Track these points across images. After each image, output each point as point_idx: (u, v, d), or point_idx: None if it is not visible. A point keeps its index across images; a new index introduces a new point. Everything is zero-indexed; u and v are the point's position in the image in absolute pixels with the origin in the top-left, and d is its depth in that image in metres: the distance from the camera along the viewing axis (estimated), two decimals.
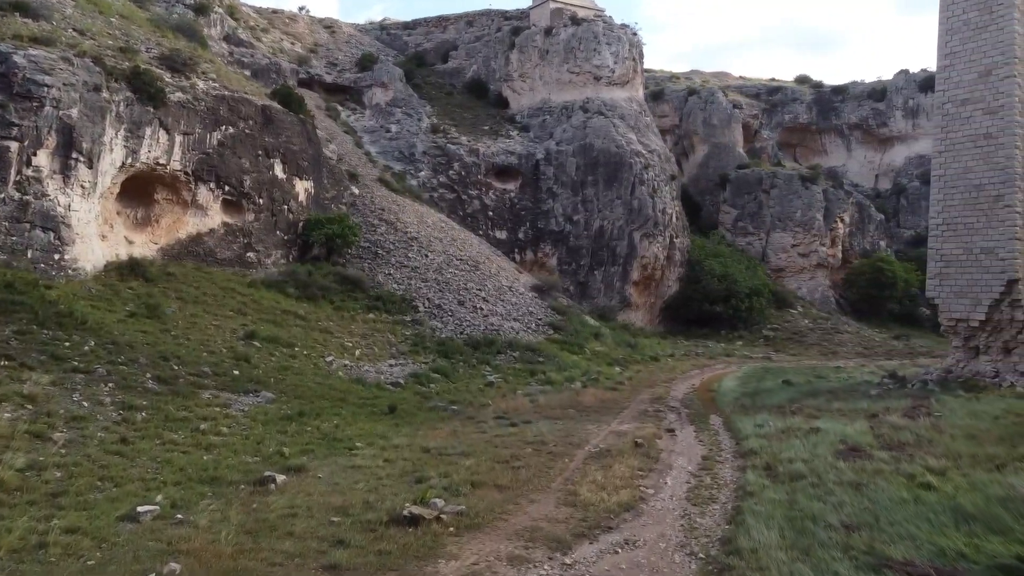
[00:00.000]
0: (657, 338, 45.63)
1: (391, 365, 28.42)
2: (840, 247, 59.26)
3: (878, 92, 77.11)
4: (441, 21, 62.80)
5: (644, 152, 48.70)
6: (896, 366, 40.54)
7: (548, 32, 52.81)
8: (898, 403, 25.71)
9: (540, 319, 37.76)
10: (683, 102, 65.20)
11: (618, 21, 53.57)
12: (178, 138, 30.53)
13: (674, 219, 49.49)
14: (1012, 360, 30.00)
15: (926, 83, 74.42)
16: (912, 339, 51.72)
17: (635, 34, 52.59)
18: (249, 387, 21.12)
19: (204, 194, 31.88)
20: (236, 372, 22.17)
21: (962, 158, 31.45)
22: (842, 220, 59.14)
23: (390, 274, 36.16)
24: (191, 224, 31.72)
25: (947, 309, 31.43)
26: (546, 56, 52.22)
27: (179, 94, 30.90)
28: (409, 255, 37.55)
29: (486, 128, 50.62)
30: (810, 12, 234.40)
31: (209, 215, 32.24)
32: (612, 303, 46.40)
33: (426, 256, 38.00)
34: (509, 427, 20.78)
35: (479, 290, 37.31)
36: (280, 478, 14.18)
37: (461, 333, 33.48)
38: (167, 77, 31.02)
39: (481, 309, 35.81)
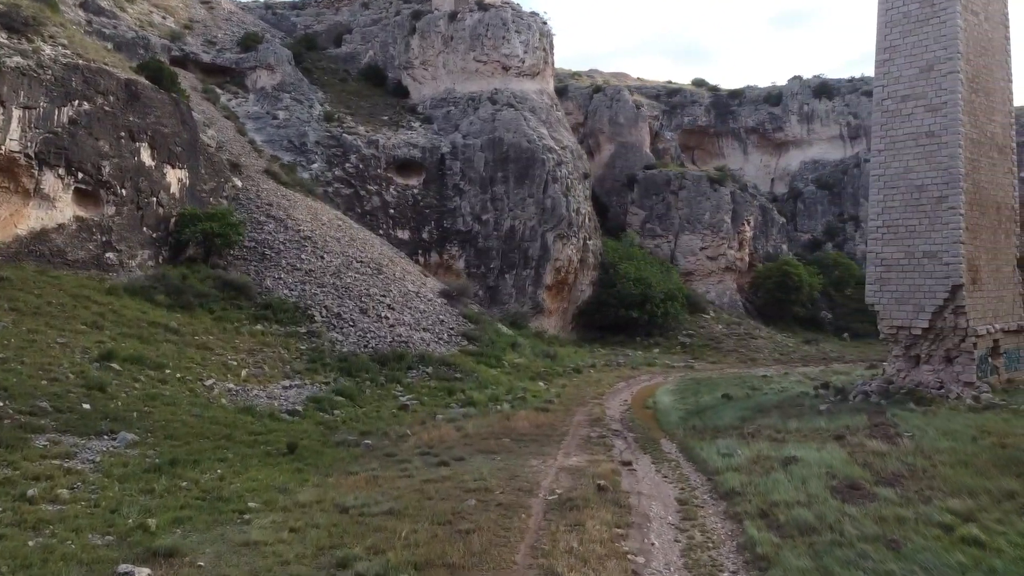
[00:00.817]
0: (572, 346, 42.72)
1: (286, 388, 23.95)
2: (747, 250, 58.42)
3: (774, 97, 77.71)
4: (334, 2, 57.83)
5: (557, 148, 45.75)
6: (818, 373, 39.24)
7: (452, 17, 49.02)
8: (855, 420, 23.67)
9: (452, 328, 33.97)
10: (588, 100, 62.93)
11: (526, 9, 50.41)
12: (16, 112, 24.96)
13: (587, 220, 46.81)
14: (954, 370, 28.64)
15: (820, 89, 75.56)
16: (821, 343, 51.16)
17: (545, 23, 49.66)
18: (103, 427, 16.37)
19: (51, 182, 26.33)
20: (86, 406, 17.29)
21: (903, 157, 29.96)
22: (749, 223, 58.32)
23: (280, 278, 31.45)
24: (33, 218, 26.11)
25: (888, 316, 29.85)
26: (450, 43, 48.44)
27: (18, 59, 25.30)
28: (302, 256, 32.92)
29: (385, 118, 46.33)
30: (685, 26, 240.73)
31: (57, 207, 26.68)
32: (524, 309, 43.16)
33: (322, 258, 33.47)
34: (439, 467, 17.04)
35: (383, 296, 33.15)
36: (142, 574, 9.98)
37: (366, 346, 29.27)
38: (2, 37, 25.33)
39: (387, 318, 31.68)
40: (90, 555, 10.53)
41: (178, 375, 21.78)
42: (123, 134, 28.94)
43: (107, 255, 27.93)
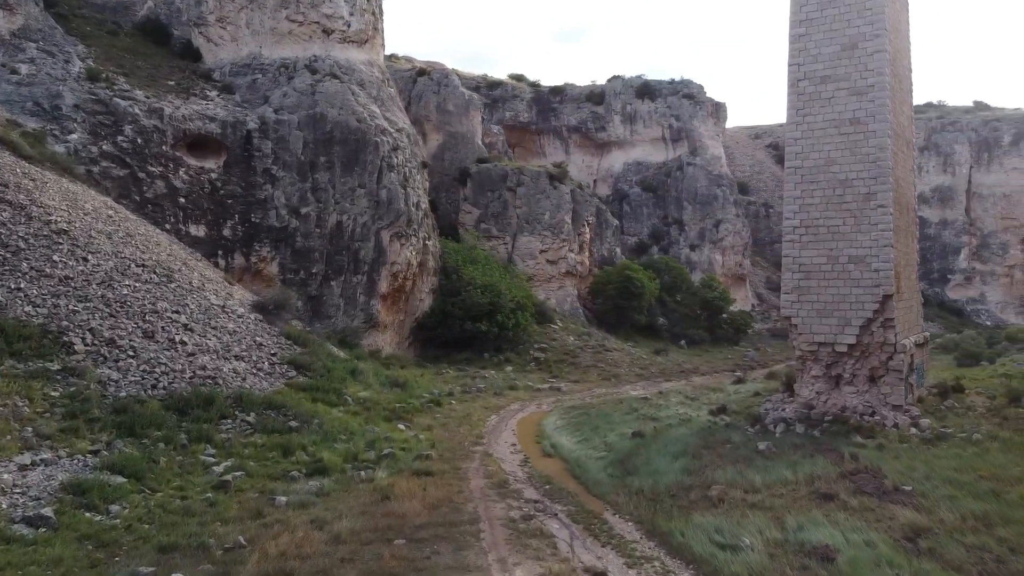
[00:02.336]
0: (415, 368, 35.61)
1: (25, 468, 14.93)
2: (588, 254, 54.29)
3: (597, 96, 75.04)
4: None
5: (392, 130, 38.34)
6: (690, 391, 35.24)
7: None
8: (817, 465, 19.02)
9: (274, 354, 25.72)
10: (411, 84, 55.86)
11: None
12: None
13: (426, 216, 39.87)
14: (881, 392, 25.00)
15: (643, 90, 73.83)
16: (670, 354, 47.91)
17: None
18: None
19: None
20: None
21: (823, 147, 26.01)
22: (589, 225, 54.22)
23: (19, 289, 21.58)
24: None
25: (807, 331, 25.73)
26: None
27: None
28: (55, 258, 23.13)
29: (172, 83, 36.39)
30: (472, 36, 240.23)
31: None
32: (356, 324, 35.38)
33: (85, 260, 23.86)
34: None
35: (177, 313, 24.23)
36: None
37: (155, 387, 20.46)
38: None
39: (184, 343, 22.90)
40: None
41: None
42: None
43: None
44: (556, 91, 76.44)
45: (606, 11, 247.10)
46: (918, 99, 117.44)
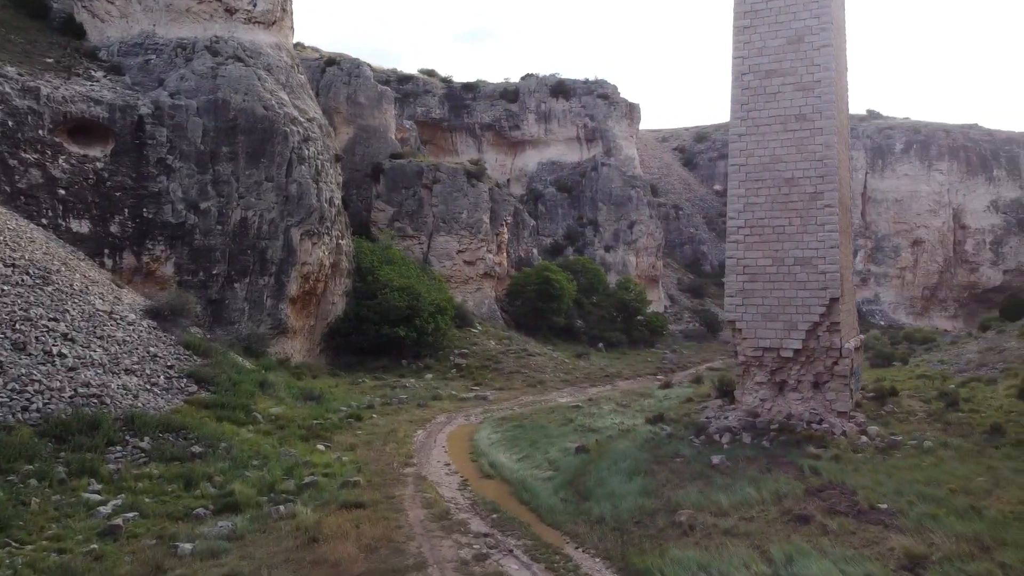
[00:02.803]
0: (329, 377, 32.91)
1: None
2: (505, 255, 52.54)
3: (511, 93, 73.47)
4: None
5: (302, 120, 35.41)
6: (620, 397, 33.93)
7: None
8: (780, 481, 17.75)
9: (171, 367, 22.70)
10: (319, 73, 52.63)
11: None
12: None
13: (340, 213, 37.13)
14: (826, 398, 24.17)
15: (557, 88, 72.79)
16: (591, 358, 46.70)
17: None
18: None
19: None
20: None
21: (769, 144, 24.96)
22: (506, 224, 52.48)
23: None
24: None
25: (752, 336, 24.62)
26: None
27: None
28: None
29: (50, 61, 32.33)
30: (374, 32, 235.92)
31: None
32: (262, 330, 32.36)
33: None
34: None
35: (55, 320, 20.96)
36: None
37: (26, 409, 17.34)
38: None
39: (63, 356, 19.71)
40: None
41: None
42: None
43: None
44: (469, 88, 74.43)
45: (509, 14, 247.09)
46: None
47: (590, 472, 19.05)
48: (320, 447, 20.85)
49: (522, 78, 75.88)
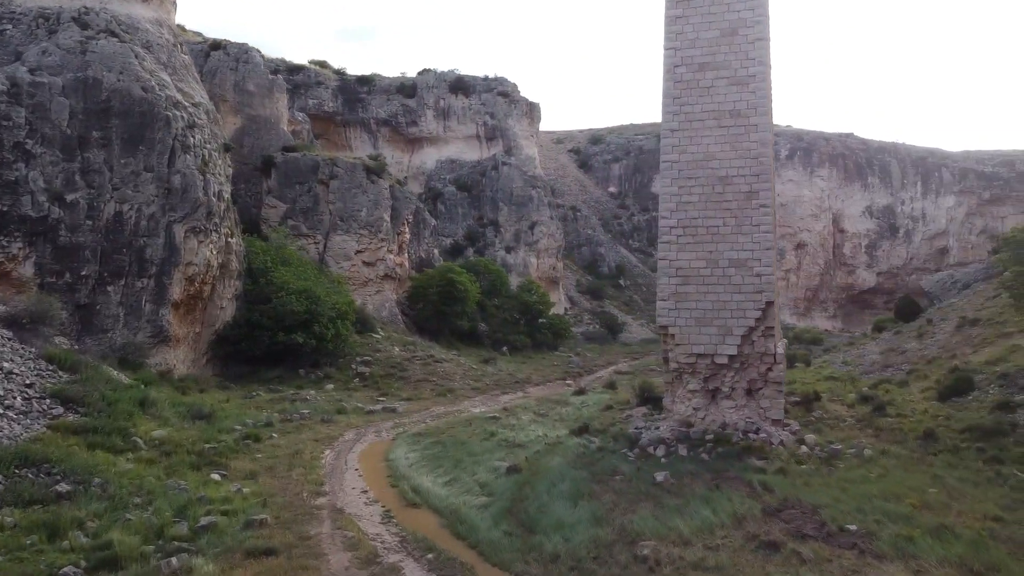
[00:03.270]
0: (218, 391, 29.62)
1: None
2: (406, 255, 50.04)
3: (408, 88, 70.92)
4: None
5: (187, 104, 31.84)
6: (536, 406, 32.29)
7: None
8: (735, 499, 16.48)
9: (30, 385, 19.26)
10: (203, 58, 48.47)
11: None
12: None
13: (229, 209, 33.75)
14: (761, 406, 23.24)
15: (457, 85, 70.81)
16: (498, 363, 44.95)
17: None
18: None
19: None
20: None
21: (702, 140, 23.80)
22: (408, 223, 49.99)
23: None
24: None
25: (686, 342, 23.40)
26: None
27: None
28: None
29: None
30: (253, 26, 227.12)
31: None
32: (140, 338, 28.73)
33: None
34: None
35: None
36: None
37: None
38: None
39: None
40: None
41: None
42: None
43: None
44: (364, 81, 71.29)
45: (393, 13, 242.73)
46: None
47: (528, 497, 17.18)
48: (215, 476, 18.01)
49: (419, 73, 73.44)
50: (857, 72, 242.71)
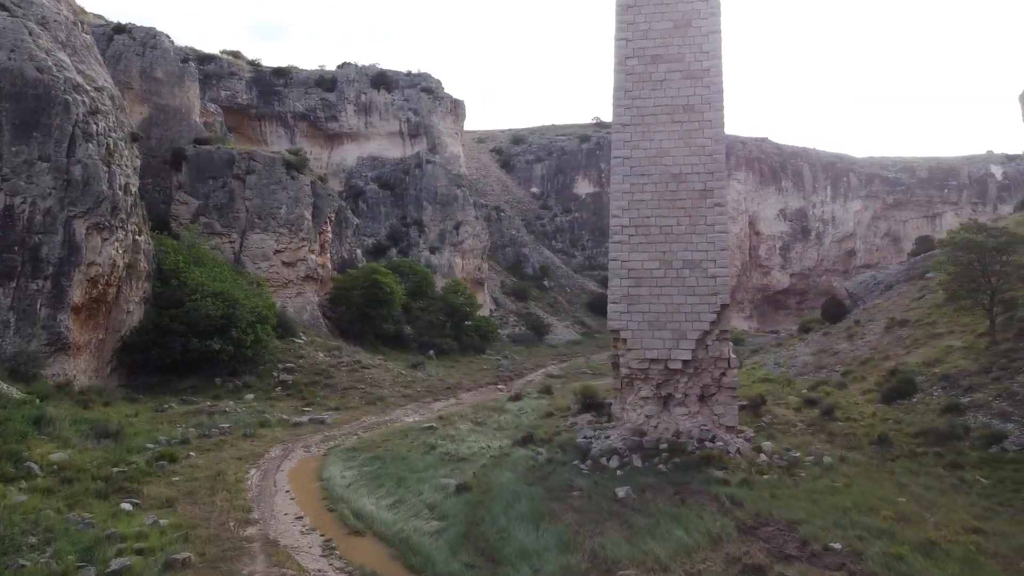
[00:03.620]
0: (125, 404, 26.91)
1: None
2: (328, 256, 47.68)
3: (328, 81, 68.20)
4: None
5: (88, 88, 28.90)
6: (472, 413, 30.77)
7: None
8: (705, 517, 15.49)
9: None
10: (107, 42, 44.87)
11: None
12: None
13: (137, 204, 30.91)
14: (715, 412, 22.40)
15: (379, 79, 68.58)
16: (426, 367, 43.18)
17: None
18: None
19: None
20: None
21: (655, 136, 22.79)
22: (331, 222, 47.65)
23: None
24: None
25: (638, 346, 22.37)
26: None
27: None
28: None
29: None
30: (159, 15, 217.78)
31: None
32: (34, 346, 25.77)
33: None
34: None
35: None
36: None
37: None
38: None
39: None
40: None
41: None
42: None
43: None
44: (280, 73, 68.17)
45: (306, 11, 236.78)
46: (588, 116, 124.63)
47: (485, 520, 15.70)
48: (126, 506, 15.79)
49: (339, 67, 70.79)
50: (769, 77, 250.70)
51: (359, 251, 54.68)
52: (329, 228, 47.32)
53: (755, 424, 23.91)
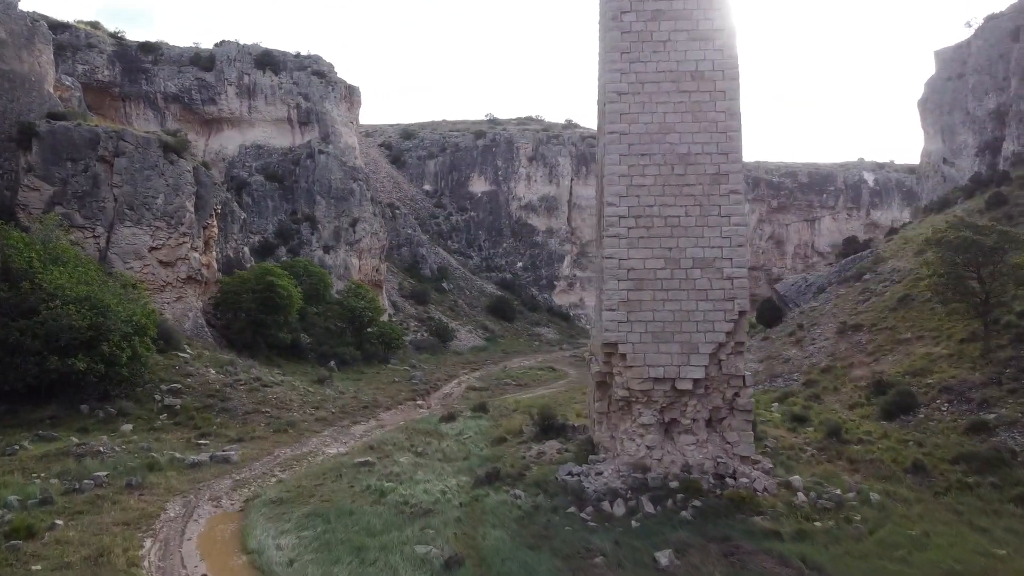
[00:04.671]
0: None
1: None
2: (214, 254, 41.29)
3: (205, 60, 60.75)
4: None
5: None
6: (403, 439, 25.97)
7: None
8: None
9: None
10: None
11: None
12: None
13: None
14: (727, 441, 18.74)
15: (264, 59, 61.88)
16: (333, 382, 37.80)
17: None
18: None
19: None
20: None
21: (657, 108, 18.88)
22: (217, 215, 41.28)
23: None
24: None
25: (641, 363, 18.46)
26: None
27: None
28: None
29: None
30: None
31: None
32: None
33: None
34: None
35: None
36: None
37: None
38: None
39: None
40: None
41: None
42: None
43: None
44: (148, 48, 60.17)
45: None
46: (521, 112, 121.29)
47: None
48: None
49: (218, 44, 63.39)
50: None
51: (247, 249, 48.29)
52: (215, 222, 40.92)
53: (758, 448, 20.55)
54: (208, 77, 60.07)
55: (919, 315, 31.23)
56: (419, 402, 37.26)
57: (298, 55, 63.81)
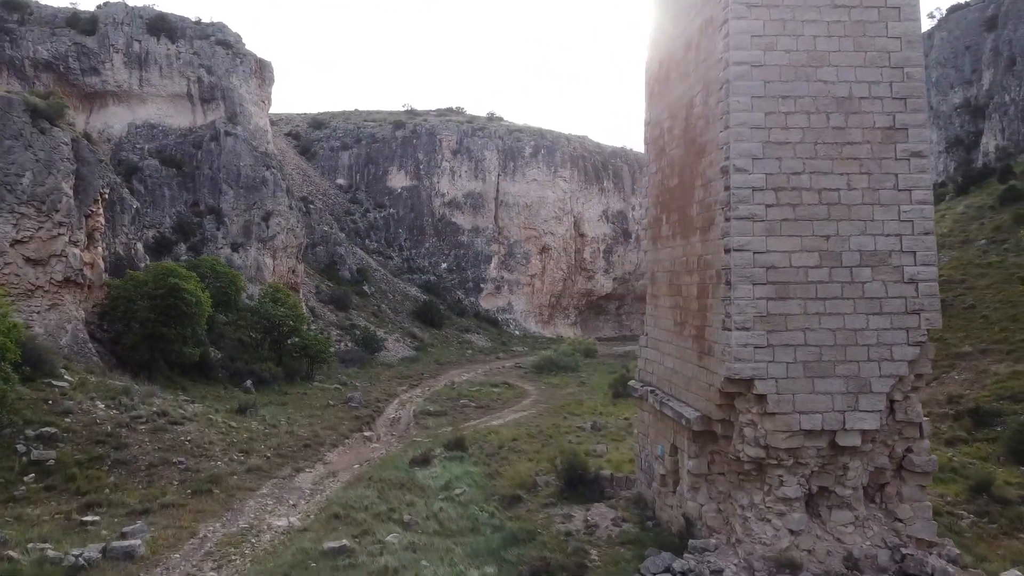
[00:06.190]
0: None
1: None
2: (100, 251, 32.88)
3: (85, 22, 51.25)
4: None
5: None
6: (374, 497, 19.17)
7: None
8: None
9: None
10: None
11: None
12: None
13: None
14: (898, 517, 13.02)
15: (158, 24, 52.83)
16: (257, 409, 30.24)
17: None
18: None
19: None
20: None
21: (804, 30, 12.42)
22: (103, 200, 32.90)
23: None
24: None
25: (788, 410, 12.40)
26: None
27: None
28: None
29: None
30: None
31: None
32: None
33: None
34: None
35: None
36: None
37: None
38: None
39: None
40: None
41: None
42: None
43: None
44: (14, 7, 50.30)
45: None
46: (441, 104, 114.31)
47: None
48: None
49: (100, 5, 53.88)
50: (586, 77, 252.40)
51: (140, 246, 39.78)
52: (101, 210, 32.54)
53: None
54: (89, 42, 50.61)
55: (968, 323, 26.75)
56: (367, 433, 30.25)
57: (199, 22, 55.08)
